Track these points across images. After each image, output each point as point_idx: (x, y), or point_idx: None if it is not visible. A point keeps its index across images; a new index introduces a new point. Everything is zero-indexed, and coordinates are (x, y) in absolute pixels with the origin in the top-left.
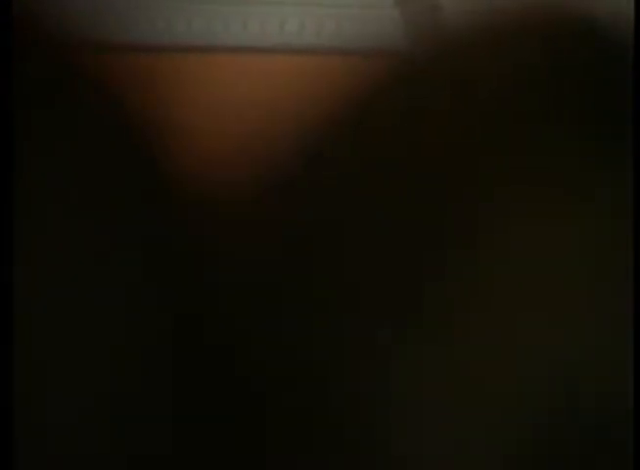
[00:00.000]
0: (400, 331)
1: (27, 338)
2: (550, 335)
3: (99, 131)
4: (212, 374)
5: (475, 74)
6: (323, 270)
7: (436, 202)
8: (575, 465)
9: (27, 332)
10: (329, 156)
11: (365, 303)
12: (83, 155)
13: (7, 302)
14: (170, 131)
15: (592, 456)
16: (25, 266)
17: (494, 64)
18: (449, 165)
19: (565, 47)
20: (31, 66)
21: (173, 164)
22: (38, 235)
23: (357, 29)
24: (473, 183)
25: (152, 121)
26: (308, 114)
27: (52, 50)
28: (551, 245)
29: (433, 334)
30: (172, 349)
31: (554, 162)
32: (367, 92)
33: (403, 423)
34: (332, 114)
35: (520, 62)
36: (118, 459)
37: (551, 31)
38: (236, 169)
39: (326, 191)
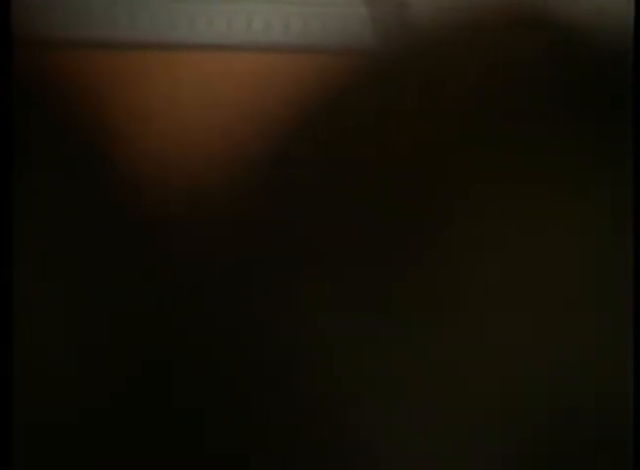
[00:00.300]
0: (394, 330)
1: (27, 338)
2: (550, 335)
3: (70, 132)
4: (208, 374)
5: (443, 73)
6: (295, 269)
7: (417, 201)
8: (575, 465)
9: (27, 332)
10: (296, 155)
11: (346, 301)
12: (69, 155)
13: (7, 302)
14: (136, 131)
15: (592, 456)
16: (25, 266)
17: (463, 62)
18: (419, 164)
19: (549, 46)
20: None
21: (140, 165)
22: (38, 235)
23: (324, 27)
24: (447, 183)
25: (116, 121)
26: (275, 112)
27: (15, 48)
28: (551, 244)
29: (430, 334)
30: (172, 348)
31: (540, 161)
32: (335, 90)
33: (403, 423)
34: (299, 112)
35: (490, 60)
36: (118, 459)
37: (528, 29)
38: (203, 169)
39: (295, 190)
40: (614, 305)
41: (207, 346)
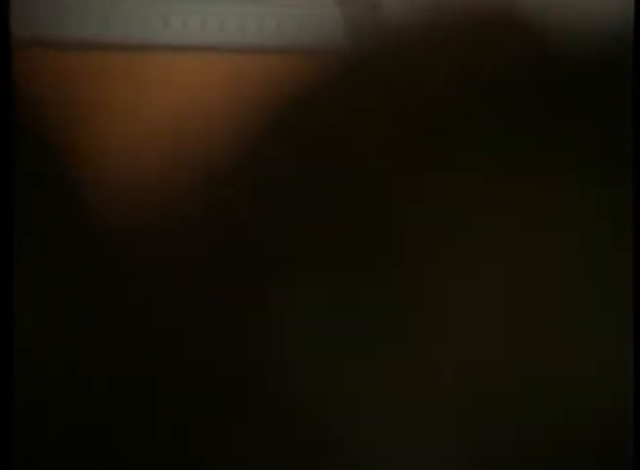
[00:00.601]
0: (387, 331)
1: (27, 338)
2: (550, 335)
3: (49, 134)
4: (204, 374)
5: (417, 73)
6: (280, 268)
7: (401, 200)
8: (575, 465)
9: (27, 332)
10: (270, 155)
11: (332, 300)
12: (57, 156)
13: (7, 302)
14: (109, 133)
15: (592, 456)
16: (25, 266)
17: (436, 62)
18: (393, 164)
19: (523, 47)
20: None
21: (121, 164)
22: (38, 235)
23: (298, 28)
24: (428, 183)
25: (89, 123)
26: (249, 112)
27: None
28: (551, 244)
29: (428, 334)
30: (171, 348)
31: (537, 160)
32: (308, 90)
33: (401, 423)
34: (273, 112)
35: (465, 60)
36: (118, 459)
37: (500, 30)
38: (174, 171)
39: (266, 190)
40: (614, 305)
41: (197, 346)
